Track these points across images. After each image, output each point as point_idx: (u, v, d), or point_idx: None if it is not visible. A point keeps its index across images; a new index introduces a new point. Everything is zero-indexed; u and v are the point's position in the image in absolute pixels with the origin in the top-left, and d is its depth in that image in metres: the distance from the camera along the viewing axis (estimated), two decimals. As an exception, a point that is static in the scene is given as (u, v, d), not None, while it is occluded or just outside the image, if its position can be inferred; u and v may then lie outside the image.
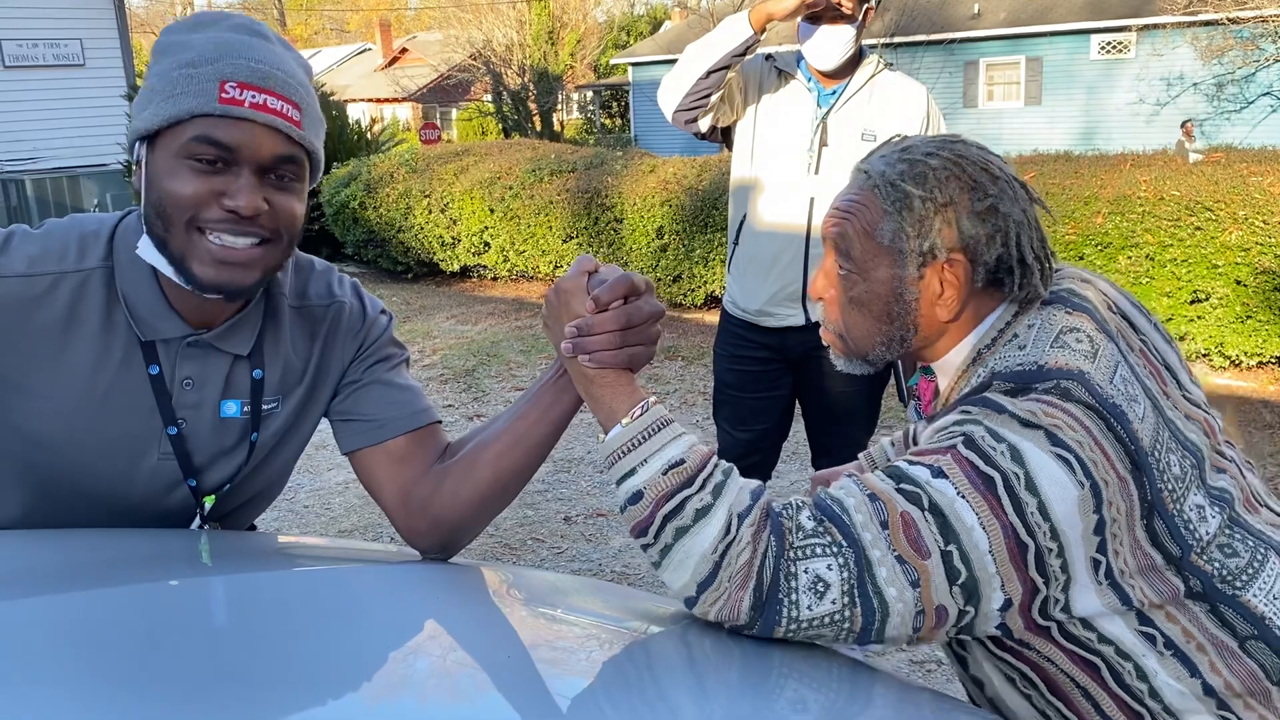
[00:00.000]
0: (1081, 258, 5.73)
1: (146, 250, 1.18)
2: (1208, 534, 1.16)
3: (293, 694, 0.78)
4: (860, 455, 1.73)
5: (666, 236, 7.42)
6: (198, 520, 1.35)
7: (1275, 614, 1.16)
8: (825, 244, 1.28)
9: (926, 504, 1.06)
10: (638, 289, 1.11)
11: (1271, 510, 1.27)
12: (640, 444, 1.09)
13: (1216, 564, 1.16)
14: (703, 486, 1.07)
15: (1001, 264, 1.20)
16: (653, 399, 1.12)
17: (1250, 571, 1.17)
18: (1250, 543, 1.19)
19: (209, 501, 1.34)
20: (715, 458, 1.11)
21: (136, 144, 1.17)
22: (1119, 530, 1.09)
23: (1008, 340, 1.20)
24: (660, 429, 1.10)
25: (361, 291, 1.40)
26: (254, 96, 1.12)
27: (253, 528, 1.62)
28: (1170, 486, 1.13)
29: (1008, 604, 1.09)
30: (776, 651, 1.05)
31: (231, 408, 1.29)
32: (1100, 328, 1.19)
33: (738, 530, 1.06)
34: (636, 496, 1.08)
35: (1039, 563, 1.07)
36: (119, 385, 1.24)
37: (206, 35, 1.14)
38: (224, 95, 1.11)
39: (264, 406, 1.31)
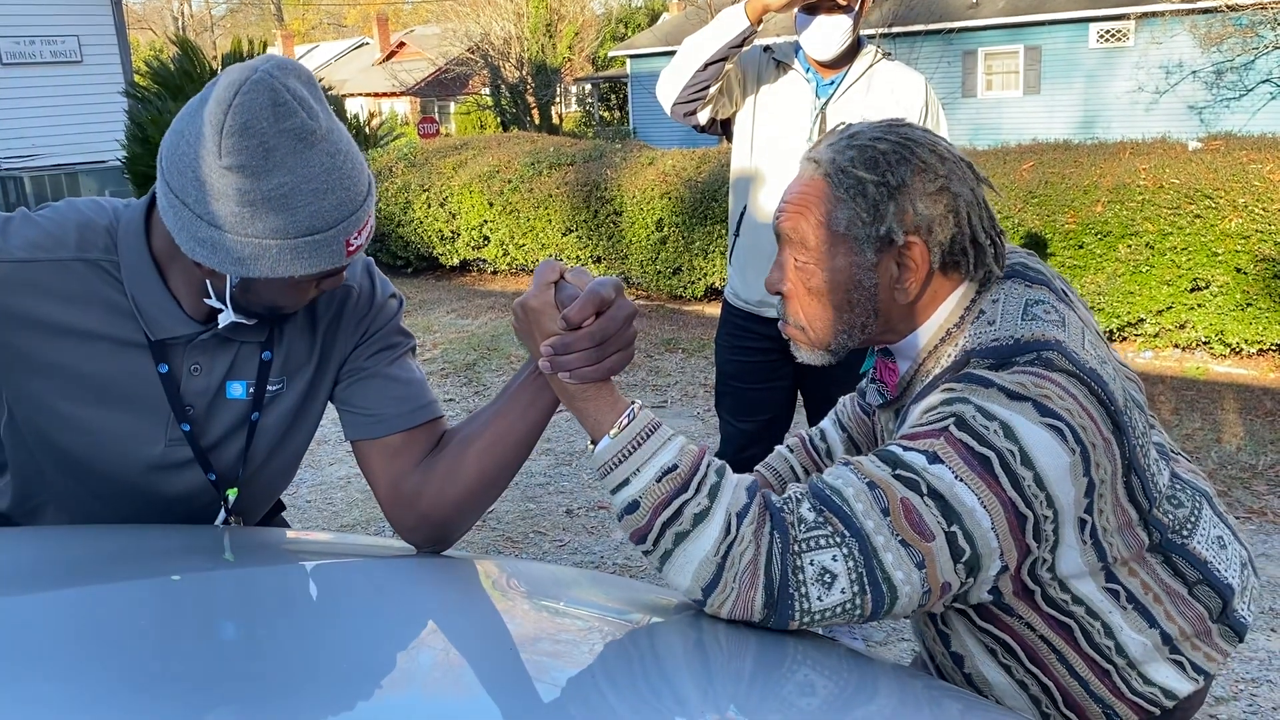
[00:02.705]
0: (1081, 246, 5.73)
1: (229, 318, 1.22)
2: (1164, 486, 1.23)
3: (297, 688, 0.79)
4: (760, 468, 1.65)
5: (666, 229, 7.41)
6: (222, 513, 1.36)
7: (1214, 557, 1.25)
8: (778, 239, 1.28)
9: (925, 489, 1.08)
10: (607, 301, 1.08)
11: (1184, 458, 1.36)
12: (631, 453, 1.08)
13: (1169, 516, 1.23)
14: (698, 490, 1.07)
15: (956, 244, 1.21)
16: (638, 404, 1.11)
17: (1193, 520, 1.25)
18: (1189, 492, 1.28)
19: (232, 494, 1.34)
20: (708, 457, 1.11)
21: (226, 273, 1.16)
22: (1105, 490, 1.14)
23: (975, 318, 1.22)
24: (649, 435, 1.09)
25: (373, 272, 1.39)
26: (365, 233, 1.18)
27: (280, 505, 1.63)
28: (1139, 442, 1.18)
29: (1004, 570, 1.12)
30: (778, 642, 1.05)
31: (237, 389, 1.30)
32: (1060, 297, 1.23)
33: (738, 529, 1.06)
34: (633, 506, 1.08)
35: (1035, 530, 1.11)
36: (125, 377, 1.25)
37: (297, 176, 1.09)
38: (349, 249, 1.16)
39: (268, 388, 1.32)
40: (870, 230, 1.20)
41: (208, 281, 1.19)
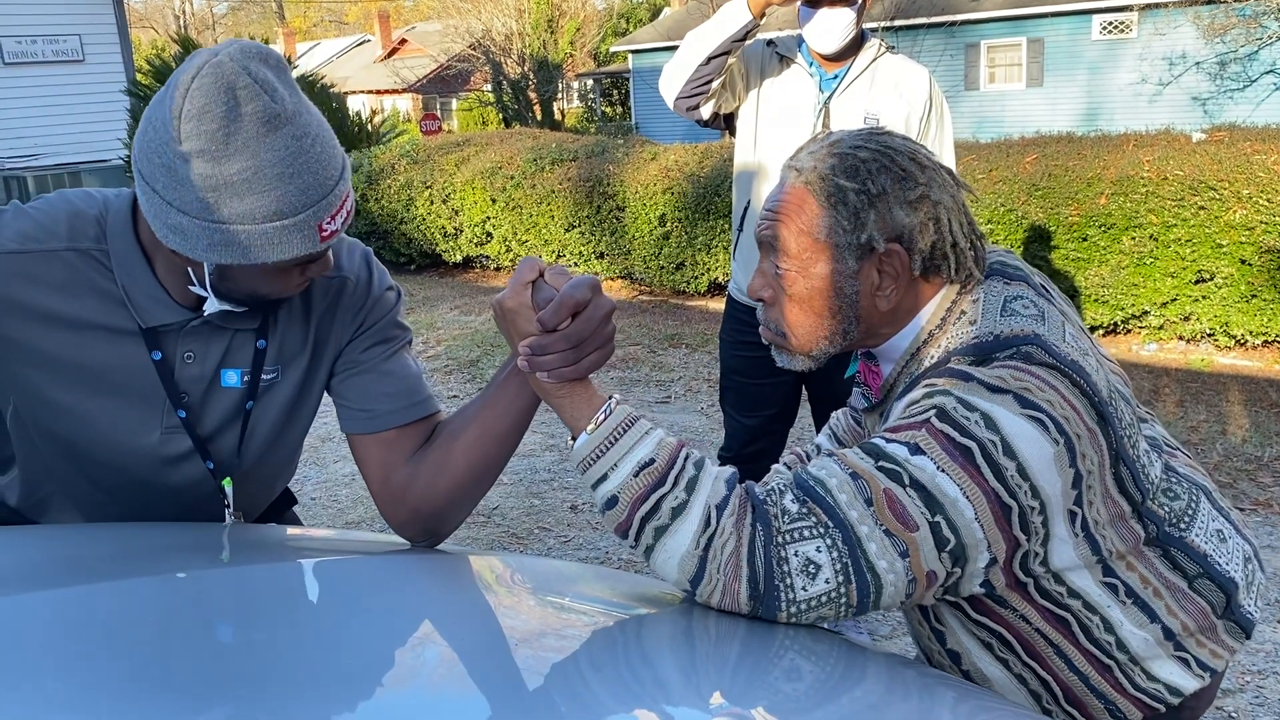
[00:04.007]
0: (1085, 239, 5.72)
1: (214, 306, 1.21)
2: (1156, 478, 1.23)
3: (305, 684, 0.79)
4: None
5: (669, 224, 7.41)
6: (228, 510, 1.36)
7: (1214, 550, 1.25)
8: (760, 246, 1.29)
9: (907, 480, 1.09)
10: (582, 303, 1.07)
11: (1183, 453, 1.36)
12: (608, 449, 1.09)
13: (1165, 508, 1.23)
14: (675, 484, 1.08)
15: (936, 250, 1.22)
16: (615, 400, 1.12)
17: (1190, 513, 1.25)
18: (1185, 485, 1.27)
19: (227, 484, 1.34)
20: (686, 450, 1.12)
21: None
22: (1093, 482, 1.14)
23: (956, 318, 1.23)
24: (626, 430, 1.10)
25: (371, 262, 1.38)
26: (340, 218, 1.15)
27: (292, 499, 1.63)
28: (1127, 433, 1.18)
29: (993, 561, 1.13)
30: (779, 635, 1.06)
31: (232, 377, 1.30)
32: (1038, 292, 1.24)
33: (718, 522, 1.07)
34: (612, 501, 1.09)
35: (1022, 521, 1.11)
36: (119, 366, 1.25)
37: (260, 160, 1.07)
38: (324, 233, 1.14)
39: (263, 376, 1.31)
40: (851, 238, 1.21)
41: (190, 269, 1.18)
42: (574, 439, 1.12)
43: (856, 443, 1.58)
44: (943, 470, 1.08)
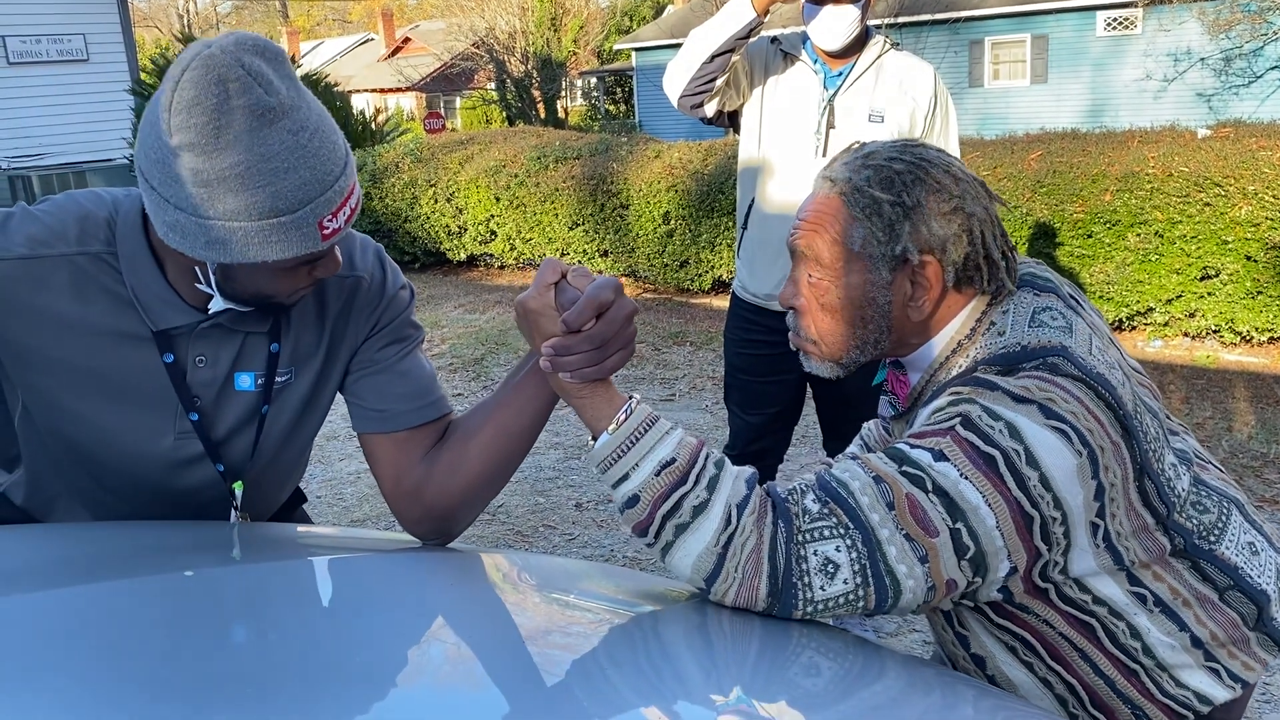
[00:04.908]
0: (1090, 235, 5.71)
1: (219, 305, 1.20)
2: (1183, 491, 1.22)
3: (312, 682, 0.79)
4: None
5: (673, 222, 7.40)
6: (235, 510, 1.36)
7: (1245, 563, 1.24)
8: (792, 255, 1.29)
9: (930, 486, 1.09)
10: (606, 304, 1.07)
11: (1216, 467, 1.36)
12: (629, 449, 1.09)
13: (1194, 521, 1.22)
14: (696, 482, 1.09)
15: (969, 262, 1.22)
16: (636, 399, 1.12)
17: (1220, 526, 1.24)
18: (1215, 498, 1.27)
19: (238, 487, 1.34)
20: (706, 450, 1.12)
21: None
22: (1116, 494, 1.14)
23: (986, 329, 1.23)
24: (647, 430, 1.10)
25: (385, 260, 1.37)
26: (341, 216, 1.13)
27: (302, 497, 1.63)
28: (1152, 447, 1.18)
29: (1012, 571, 1.13)
30: (788, 635, 1.06)
31: (245, 380, 1.29)
32: (1067, 304, 1.24)
33: (738, 520, 1.08)
34: (633, 500, 1.09)
35: (1044, 531, 1.11)
36: (131, 370, 1.24)
37: (254, 155, 1.05)
38: (325, 232, 1.11)
39: (277, 379, 1.31)
40: (885, 249, 1.22)
41: (197, 266, 1.17)
42: (594, 439, 1.12)
43: None
44: (965, 477, 1.08)
